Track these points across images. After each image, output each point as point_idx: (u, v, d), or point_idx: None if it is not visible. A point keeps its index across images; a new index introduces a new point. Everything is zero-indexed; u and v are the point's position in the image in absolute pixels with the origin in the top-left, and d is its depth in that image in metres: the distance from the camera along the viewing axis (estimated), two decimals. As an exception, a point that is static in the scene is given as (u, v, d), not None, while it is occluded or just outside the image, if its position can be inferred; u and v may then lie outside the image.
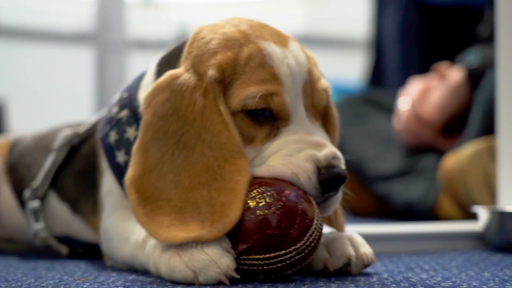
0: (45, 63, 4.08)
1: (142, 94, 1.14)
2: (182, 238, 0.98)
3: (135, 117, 1.15)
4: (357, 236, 1.10)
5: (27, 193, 1.32)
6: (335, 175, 1.04)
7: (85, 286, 1.01)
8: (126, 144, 1.15)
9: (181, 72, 1.06)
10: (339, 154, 1.07)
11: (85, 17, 3.78)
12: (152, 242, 1.04)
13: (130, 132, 1.15)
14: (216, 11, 4.50)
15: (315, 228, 1.00)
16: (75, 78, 4.04)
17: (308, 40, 4.38)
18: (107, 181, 1.19)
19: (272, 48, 1.07)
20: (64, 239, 1.32)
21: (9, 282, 1.05)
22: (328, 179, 1.04)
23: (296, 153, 1.04)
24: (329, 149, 1.06)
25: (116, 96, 1.22)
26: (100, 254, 1.23)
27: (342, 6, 4.46)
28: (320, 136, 1.08)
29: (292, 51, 1.09)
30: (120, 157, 1.15)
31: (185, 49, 1.10)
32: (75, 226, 1.30)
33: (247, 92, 1.04)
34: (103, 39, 2.42)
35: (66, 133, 1.32)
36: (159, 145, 1.04)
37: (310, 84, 1.09)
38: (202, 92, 1.04)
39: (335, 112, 1.17)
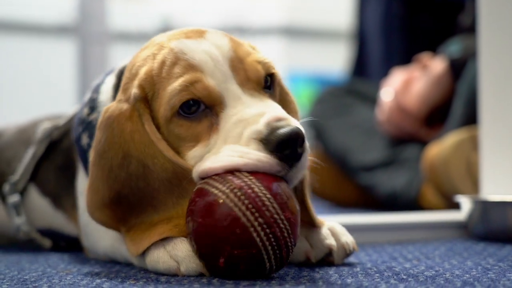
0: (26, 55, 4.05)
1: (102, 99, 1.14)
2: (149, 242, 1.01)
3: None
4: (338, 225, 1.10)
5: (6, 187, 1.30)
6: (281, 136, 0.95)
7: (68, 278, 1.00)
8: None
9: (111, 104, 1.05)
10: (284, 115, 0.99)
11: (67, 9, 3.76)
12: None
13: None
14: (198, 3, 4.48)
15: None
16: (57, 70, 4.01)
17: (290, 31, 4.38)
18: (81, 181, 1.18)
19: (183, 43, 1.03)
20: (47, 232, 1.31)
21: (-9, 275, 1.04)
22: (276, 144, 0.96)
23: (237, 139, 0.98)
24: (269, 115, 0.98)
25: (87, 95, 1.19)
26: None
27: (324, -3, 4.46)
28: (260, 106, 1.00)
29: (208, 38, 1.04)
30: None
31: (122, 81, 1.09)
32: (57, 220, 1.28)
33: (168, 92, 1.00)
34: (85, 31, 2.41)
35: (45, 125, 1.30)
36: (111, 183, 1.02)
37: (238, 59, 1.03)
38: (128, 117, 1.02)
39: (292, 98, 1.12)
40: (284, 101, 1.09)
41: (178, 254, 0.98)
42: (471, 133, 1.93)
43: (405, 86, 2.27)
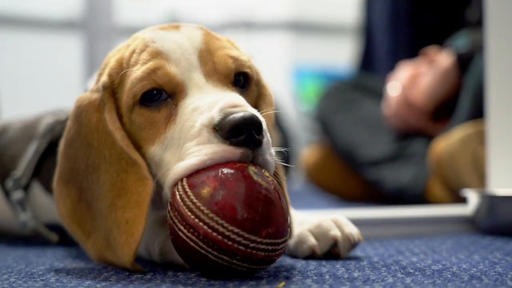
0: (34, 51, 4.06)
1: None
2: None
3: None
4: (341, 217, 1.10)
5: (9, 183, 1.30)
6: (234, 121, 0.91)
7: (75, 272, 1.01)
8: None
9: (83, 94, 1.04)
10: (240, 101, 0.95)
11: (74, 4, 3.76)
12: None
13: None
14: (204, -2, 4.48)
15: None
16: (64, 65, 4.02)
17: (297, 26, 4.38)
18: None
19: (155, 33, 1.03)
20: (54, 227, 1.31)
21: (-1, 268, 1.05)
22: (229, 129, 0.91)
23: (190, 131, 0.95)
24: (223, 101, 0.94)
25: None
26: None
27: (331, -8, 4.46)
28: (218, 95, 0.97)
29: (182, 31, 1.03)
30: None
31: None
32: None
33: (131, 79, 0.99)
34: (92, 26, 2.42)
35: (48, 120, 1.29)
36: (74, 175, 1.02)
37: (208, 51, 1.01)
38: (96, 107, 1.01)
39: (269, 91, 1.09)
40: (260, 94, 1.07)
41: None
42: (478, 127, 1.93)
43: (412, 80, 2.26)
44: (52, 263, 1.09)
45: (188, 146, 0.94)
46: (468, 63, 2.11)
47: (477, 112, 1.94)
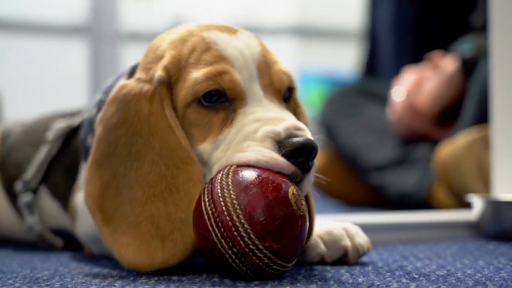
0: (39, 56, 4.07)
1: None
2: (148, 267, 0.98)
3: None
4: (352, 226, 1.10)
5: (18, 185, 1.29)
6: (299, 144, 0.95)
7: (80, 277, 1.01)
8: None
9: (129, 82, 1.04)
10: (302, 126, 0.99)
11: (78, 9, 3.77)
12: None
13: None
14: (209, 3, 4.49)
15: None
16: (68, 71, 4.03)
17: (301, 31, 4.38)
18: (82, 177, 1.16)
19: (216, 35, 1.04)
20: (59, 232, 1.31)
21: (4, 273, 1.05)
22: (292, 150, 0.95)
23: (252, 134, 0.98)
24: (289, 121, 0.98)
25: (97, 96, 1.19)
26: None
27: (335, -3, 4.46)
28: (279, 112, 1.00)
29: (240, 37, 1.05)
30: None
31: (141, 60, 1.08)
32: (67, 221, 1.26)
33: (195, 77, 1.00)
34: (97, 31, 2.42)
35: (60, 125, 1.29)
36: (112, 160, 1.01)
37: (265, 64, 1.04)
38: (148, 98, 1.01)
39: (305, 112, 1.12)
40: (296, 114, 1.09)
41: None
42: (482, 132, 1.92)
43: (417, 85, 2.26)
44: (56, 268, 1.09)
45: (250, 143, 0.97)
46: (472, 68, 2.11)
47: (482, 117, 1.93)
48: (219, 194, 0.92)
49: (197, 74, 1.00)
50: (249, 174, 0.93)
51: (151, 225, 0.98)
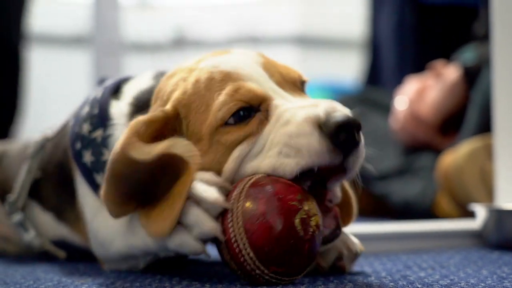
0: (41, 66, 4.08)
1: (114, 111, 1.13)
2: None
3: (109, 136, 1.12)
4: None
5: (6, 207, 1.29)
6: (339, 119, 0.93)
7: (83, 287, 1.01)
8: (104, 167, 1.09)
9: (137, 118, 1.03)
10: (339, 105, 0.97)
11: (81, 20, 3.78)
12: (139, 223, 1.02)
13: (107, 155, 1.10)
14: (211, 13, 4.50)
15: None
16: (71, 81, 4.03)
17: (304, 41, 4.39)
18: (83, 195, 1.16)
19: (212, 60, 1.04)
20: (59, 243, 1.30)
21: (7, 284, 1.05)
22: (335, 127, 0.93)
23: (289, 121, 0.96)
24: (325, 103, 0.96)
25: (85, 108, 1.17)
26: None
27: (337, 6, 4.47)
28: (309, 100, 0.99)
29: (234, 52, 1.06)
30: (99, 179, 1.12)
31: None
32: (62, 231, 1.26)
33: (215, 106, 0.99)
34: (99, 41, 2.43)
35: (36, 139, 1.28)
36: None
37: (269, 64, 1.04)
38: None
39: None
40: None
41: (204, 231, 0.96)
42: (485, 141, 1.92)
43: (419, 94, 2.27)
44: (60, 279, 1.09)
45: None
46: (475, 77, 2.11)
47: (485, 126, 1.93)
48: (229, 220, 0.94)
49: (216, 102, 0.99)
50: (257, 200, 0.94)
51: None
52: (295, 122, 0.96)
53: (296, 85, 1.04)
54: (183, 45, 4.38)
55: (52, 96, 4.11)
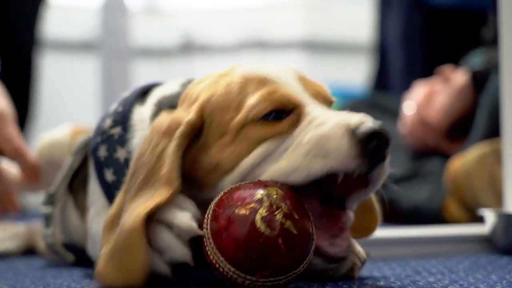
0: (49, 72, 4.09)
1: (136, 115, 1.13)
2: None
3: (127, 137, 1.13)
4: None
5: (43, 197, 1.29)
6: (370, 128, 0.93)
7: (93, 293, 1.01)
8: (115, 164, 1.12)
9: (161, 116, 1.04)
10: (372, 120, 0.96)
11: (89, 26, 3.79)
12: None
13: (120, 152, 1.12)
14: (219, 18, 4.50)
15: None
16: (79, 86, 4.04)
17: (311, 45, 4.39)
18: (93, 190, 1.16)
19: (245, 68, 1.04)
20: (71, 247, 1.31)
21: (17, 290, 1.05)
22: (365, 134, 0.93)
23: (321, 123, 0.96)
24: (358, 117, 0.96)
25: (113, 106, 1.19)
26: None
27: (344, 11, 4.47)
28: (343, 114, 0.98)
29: (267, 65, 1.05)
30: (109, 176, 1.12)
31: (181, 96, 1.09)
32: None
33: (247, 105, 0.99)
34: (108, 47, 2.43)
35: (81, 138, 1.28)
36: (128, 185, 1.02)
37: (304, 78, 1.04)
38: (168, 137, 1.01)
39: None
40: None
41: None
42: (494, 146, 1.92)
43: (427, 99, 2.26)
44: (69, 284, 1.09)
45: (321, 127, 0.95)
46: (483, 82, 2.11)
47: (493, 131, 1.93)
48: (205, 244, 0.94)
49: (248, 102, 0.99)
50: (218, 217, 0.93)
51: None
52: (327, 125, 0.96)
53: (327, 102, 1.04)
54: (191, 50, 4.38)
55: (60, 101, 4.11)
